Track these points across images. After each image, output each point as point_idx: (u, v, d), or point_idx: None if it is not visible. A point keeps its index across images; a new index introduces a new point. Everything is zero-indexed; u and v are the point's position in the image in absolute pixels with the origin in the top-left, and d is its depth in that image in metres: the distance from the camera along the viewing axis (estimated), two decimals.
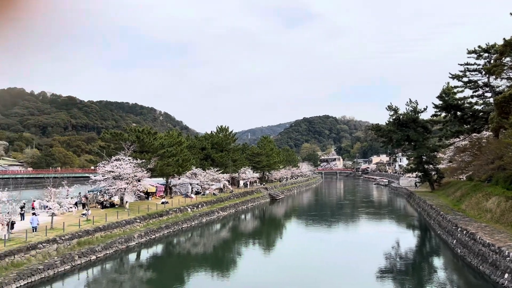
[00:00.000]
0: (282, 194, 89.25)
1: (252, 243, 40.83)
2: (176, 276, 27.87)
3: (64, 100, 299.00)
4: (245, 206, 66.14)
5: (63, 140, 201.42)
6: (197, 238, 41.85)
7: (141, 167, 45.59)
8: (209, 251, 36.31)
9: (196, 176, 62.91)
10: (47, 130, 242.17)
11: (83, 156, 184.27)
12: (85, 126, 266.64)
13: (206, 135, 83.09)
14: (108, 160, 45.65)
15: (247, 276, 27.28)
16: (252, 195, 75.81)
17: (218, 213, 55.16)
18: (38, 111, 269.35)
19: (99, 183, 46.42)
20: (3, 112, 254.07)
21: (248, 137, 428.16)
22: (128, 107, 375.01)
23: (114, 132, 56.88)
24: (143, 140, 52.59)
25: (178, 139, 62.64)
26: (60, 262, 26.08)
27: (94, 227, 32.92)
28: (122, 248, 32.85)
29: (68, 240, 29.00)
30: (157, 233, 39.09)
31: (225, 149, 79.08)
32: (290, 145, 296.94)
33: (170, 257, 33.85)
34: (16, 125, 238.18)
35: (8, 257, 23.61)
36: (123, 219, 37.47)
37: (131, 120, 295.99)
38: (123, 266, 29.89)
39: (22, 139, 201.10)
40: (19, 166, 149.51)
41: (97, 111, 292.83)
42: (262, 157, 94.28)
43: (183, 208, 49.33)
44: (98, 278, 26.50)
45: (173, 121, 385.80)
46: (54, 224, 31.75)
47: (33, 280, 23.05)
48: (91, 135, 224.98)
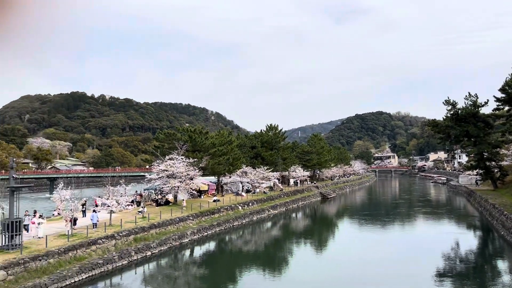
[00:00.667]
0: (334, 193, 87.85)
1: (303, 242, 40.53)
2: (228, 273, 28.26)
3: (122, 102, 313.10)
4: (295, 204, 65.80)
5: (121, 141, 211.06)
6: (248, 236, 42.19)
7: (194, 166, 46.68)
8: (260, 249, 36.47)
9: (246, 174, 63.47)
10: (106, 131, 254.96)
11: (139, 156, 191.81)
12: (141, 127, 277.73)
13: (256, 133, 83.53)
14: (162, 159, 47.18)
15: (299, 275, 27.06)
16: (303, 193, 75.25)
17: (269, 211, 55.29)
18: (98, 113, 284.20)
19: (154, 181, 48.09)
20: (67, 115, 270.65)
21: (298, 135, 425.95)
22: (182, 107, 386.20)
23: (167, 132, 58.70)
24: (195, 139, 53.82)
25: (228, 138, 63.50)
26: (118, 257, 27.30)
27: (150, 224, 34.14)
28: (175, 245, 33.80)
29: (125, 236, 30.29)
30: (209, 230, 39.86)
31: (275, 147, 79.10)
32: (342, 142, 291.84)
33: (222, 254, 34.39)
34: (78, 127, 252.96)
35: (71, 251, 25.07)
36: (176, 217, 38.57)
37: (184, 120, 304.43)
38: (177, 262, 30.75)
39: (84, 140, 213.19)
40: (81, 166, 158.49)
41: (152, 112, 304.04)
42: (312, 155, 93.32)
43: (234, 206, 49.94)
44: (154, 273, 27.45)
45: (224, 120, 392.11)
46: (112, 221, 33.29)
47: (93, 274, 24.31)
48: (147, 136, 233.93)
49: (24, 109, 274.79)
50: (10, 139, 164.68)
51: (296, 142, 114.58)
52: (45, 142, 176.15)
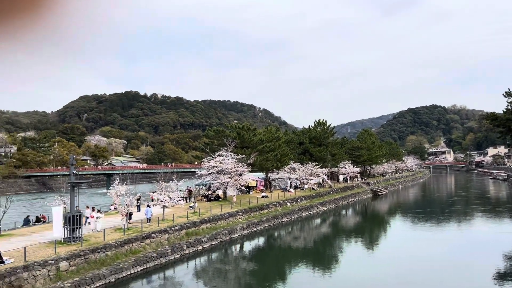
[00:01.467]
0: (385, 189, 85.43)
1: (354, 239, 39.77)
2: (277, 269, 28.34)
3: (173, 100, 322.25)
4: (345, 201, 64.71)
5: (172, 138, 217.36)
6: (297, 232, 42.06)
7: (242, 162, 47.16)
8: (310, 245, 36.25)
9: (294, 170, 63.20)
10: (158, 129, 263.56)
11: (190, 152, 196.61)
12: (192, 124, 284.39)
13: (304, 129, 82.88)
14: (212, 156, 48.07)
15: (348, 273, 26.61)
16: (353, 190, 73.83)
17: (318, 208, 54.78)
18: (150, 111, 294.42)
19: (205, 177, 49.14)
20: (121, 114, 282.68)
21: (347, 130, 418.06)
22: (230, 105, 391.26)
23: (217, 129, 59.70)
24: (243, 136, 54.31)
25: (276, 134, 63.49)
26: (171, 251, 28.18)
27: (201, 219, 34.94)
28: (226, 240, 34.36)
29: (178, 231, 31.19)
30: (258, 226, 40.15)
31: (323, 143, 78.10)
32: (394, 137, 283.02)
33: (271, 250, 34.54)
34: (132, 125, 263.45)
35: (127, 244, 26.19)
36: (226, 212, 39.18)
37: (232, 117, 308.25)
38: (227, 257, 31.26)
39: (138, 137, 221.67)
40: (135, 162, 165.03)
41: (202, 110, 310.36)
42: (362, 151, 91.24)
43: (282, 202, 49.95)
44: (205, 267, 28.09)
45: (272, 116, 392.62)
46: (165, 215, 34.39)
47: (148, 267, 25.26)
48: (197, 133, 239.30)
49: (82, 109, 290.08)
50: (70, 137, 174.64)
51: (346, 138, 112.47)
52: (102, 140, 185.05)
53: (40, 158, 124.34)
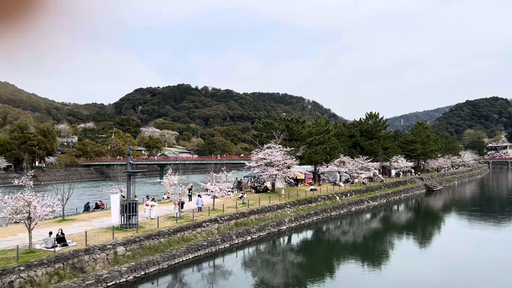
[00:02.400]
0: (440, 185, 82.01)
1: (405, 236, 38.67)
2: (325, 262, 28.23)
3: (223, 93, 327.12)
4: (397, 196, 62.91)
5: (222, 130, 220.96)
6: (346, 227, 41.53)
7: (290, 155, 47.14)
8: (359, 240, 35.71)
9: (344, 164, 62.25)
10: (209, 121, 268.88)
11: (239, 144, 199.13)
12: (241, 116, 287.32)
13: (355, 122, 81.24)
14: (260, 148, 48.45)
15: (399, 270, 25.98)
16: (405, 185, 71.57)
17: (368, 202, 53.71)
18: (201, 104, 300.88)
19: (253, 169, 49.67)
20: (174, 106, 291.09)
21: (400, 123, 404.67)
22: (279, 97, 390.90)
23: (265, 121, 59.96)
24: (292, 128, 54.19)
25: (325, 127, 62.77)
26: (221, 240, 28.88)
27: (249, 210, 35.45)
28: (274, 231, 34.65)
29: (227, 221, 31.88)
30: (306, 219, 40.09)
31: (375, 136, 76.21)
32: (450, 131, 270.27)
33: (319, 243, 34.40)
34: (184, 117, 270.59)
35: (179, 232, 27.16)
36: (274, 204, 39.45)
37: (281, 109, 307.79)
38: (275, 248, 31.54)
39: (189, 129, 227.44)
40: (187, 153, 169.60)
41: (250, 102, 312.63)
42: (416, 144, 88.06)
43: (331, 195, 49.46)
44: (254, 258, 28.52)
45: (321, 109, 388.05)
46: (215, 205, 35.23)
47: (199, 255, 26.07)
48: (245, 125, 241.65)
49: (137, 101, 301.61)
50: (126, 128, 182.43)
51: (399, 131, 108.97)
52: (155, 131, 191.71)
53: (98, 148, 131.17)
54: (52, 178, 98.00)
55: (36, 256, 19.48)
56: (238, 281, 22.92)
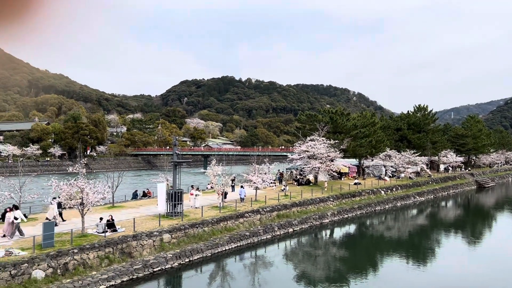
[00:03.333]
0: (492, 182, 78.13)
1: (454, 234, 37.25)
2: (369, 257, 27.76)
3: (266, 85, 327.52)
4: (445, 192, 60.60)
5: (265, 122, 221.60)
6: (391, 222, 40.58)
7: (334, 148, 46.53)
8: (404, 236, 34.80)
9: (390, 158, 60.63)
10: (252, 113, 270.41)
11: (281, 136, 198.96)
12: (284, 108, 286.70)
13: (402, 115, 78.80)
14: (303, 140, 48.15)
15: (445, 269, 25.08)
16: (455, 181, 68.77)
17: (414, 198, 52.14)
18: (245, 96, 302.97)
19: (296, 161, 49.50)
20: (218, 98, 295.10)
21: (451, 116, 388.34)
22: (323, 89, 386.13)
23: (309, 113, 59.43)
24: (336, 121, 53.39)
25: (371, 120, 61.35)
26: (263, 231, 29.12)
27: (291, 202, 35.45)
28: (316, 224, 34.48)
29: (269, 212, 32.06)
30: (349, 213, 39.55)
31: (423, 130, 73.67)
32: (505, 125, 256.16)
33: (362, 238, 33.86)
34: (228, 109, 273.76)
35: (222, 222, 27.65)
36: (317, 197, 39.20)
37: (325, 101, 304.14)
38: (317, 241, 31.39)
39: (233, 121, 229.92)
40: (230, 145, 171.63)
41: (294, 94, 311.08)
42: (467, 139, 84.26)
43: (376, 190, 48.44)
44: (295, 250, 28.55)
45: (367, 101, 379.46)
46: (257, 197, 35.50)
47: (241, 245, 26.44)
48: (288, 117, 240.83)
49: (183, 93, 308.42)
50: (172, 119, 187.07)
51: (449, 124, 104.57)
52: (200, 123, 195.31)
53: (145, 138, 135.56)
54: (102, 166, 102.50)
55: (88, 240, 20.53)
56: (279, 273, 23.05)
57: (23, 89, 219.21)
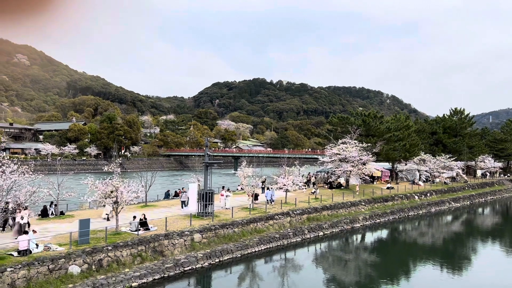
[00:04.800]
0: None
1: (491, 242, 35.87)
2: (401, 264, 27.12)
3: (297, 87, 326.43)
4: (482, 199, 58.46)
5: (295, 124, 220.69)
6: (425, 228, 39.52)
7: (367, 151, 45.79)
8: (438, 243, 33.81)
9: (424, 162, 59.06)
10: (282, 115, 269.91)
11: (312, 139, 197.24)
12: (315, 110, 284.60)
13: (437, 118, 76.75)
14: (335, 143, 47.64)
15: (481, 277, 24.18)
16: (493, 187, 66.23)
17: (450, 203, 50.56)
18: (276, 98, 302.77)
19: (327, 164, 49.02)
20: (249, 100, 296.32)
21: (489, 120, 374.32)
22: (355, 91, 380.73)
23: (341, 116, 58.79)
24: (369, 124, 52.55)
25: (405, 123, 60.00)
26: (293, 234, 28.99)
27: (322, 206, 35.13)
28: (347, 228, 34.01)
29: (299, 215, 31.90)
30: (381, 217, 38.80)
31: (459, 134, 71.45)
32: None
33: (395, 244, 33.14)
34: (258, 111, 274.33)
35: (252, 223, 27.74)
36: (348, 201, 38.67)
37: (357, 104, 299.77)
38: (347, 246, 30.95)
39: (263, 123, 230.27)
40: (260, 147, 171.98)
41: (325, 96, 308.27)
42: (507, 143, 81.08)
43: (409, 195, 47.31)
44: (325, 254, 28.27)
45: (401, 104, 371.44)
46: (288, 199, 35.39)
47: (270, 247, 26.43)
48: (319, 119, 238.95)
49: (215, 95, 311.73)
50: (204, 121, 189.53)
51: (487, 129, 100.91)
52: (231, 124, 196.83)
53: (178, 139, 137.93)
54: (136, 166, 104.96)
55: (122, 238, 21.07)
56: (309, 276, 22.88)
57: (62, 90, 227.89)
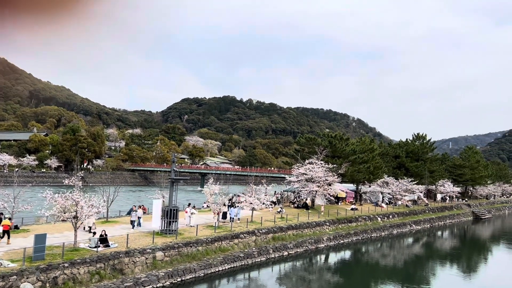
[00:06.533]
0: (489, 214, 77.83)
1: (449, 264, 36.84)
2: (363, 285, 27.34)
3: (267, 106, 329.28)
4: (442, 222, 60.24)
5: (264, 143, 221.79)
6: (387, 250, 40.16)
7: (332, 172, 46.45)
8: (399, 265, 34.40)
9: (387, 185, 60.52)
10: (251, 133, 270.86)
11: (280, 158, 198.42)
12: (283, 130, 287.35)
13: (401, 142, 79.08)
14: (302, 163, 48.09)
15: None
16: (451, 211, 68.47)
17: (411, 226, 51.77)
18: (245, 116, 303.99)
19: (293, 184, 49.31)
20: (218, 117, 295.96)
21: (449, 146, 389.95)
22: (323, 113, 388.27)
23: (308, 136, 59.56)
24: (335, 145, 53.47)
25: (370, 146, 61.46)
26: (257, 253, 28.75)
27: (287, 225, 35.13)
28: (311, 249, 34.09)
29: (265, 234, 31.73)
30: (345, 238, 39.17)
31: (421, 158, 73.79)
32: (502, 158, 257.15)
33: (358, 265, 33.44)
34: (227, 128, 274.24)
35: (217, 242, 27.32)
36: (313, 221, 38.89)
37: (324, 125, 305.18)
38: (311, 266, 30.96)
39: (232, 140, 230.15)
40: (228, 164, 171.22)
41: (294, 117, 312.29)
42: (465, 169, 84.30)
43: (372, 216, 48.13)
44: (289, 274, 28.13)
45: (366, 127, 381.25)
46: (254, 217, 35.19)
47: (235, 266, 26.06)
48: (287, 139, 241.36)
49: (184, 110, 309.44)
50: (171, 136, 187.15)
51: (447, 154, 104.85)
52: (199, 141, 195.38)
53: (144, 154, 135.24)
54: (99, 180, 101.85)
55: (80, 255, 20.22)
56: None
57: (24, 99, 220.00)
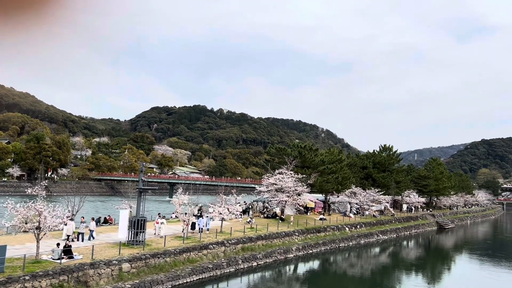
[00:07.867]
0: (452, 223, 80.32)
1: (415, 273, 37.72)
2: None
3: (237, 116, 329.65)
4: (407, 232, 61.70)
5: (234, 153, 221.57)
6: (355, 259, 40.72)
7: (302, 182, 46.86)
8: (367, 274, 34.93)
9: (355, 195, 61.55)
10: (222, 143, 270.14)
11: (250, 168, 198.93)
12: (254, 140, 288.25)
13: (368, 153, 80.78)
14: (272, 173, 48.31)
15: None
16: (417, 221, 70.27)
17: (378, 236, 52.75)
18: (216, 125, 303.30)
19: (263, 194, 49.38)
20: (188, 126, 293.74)
21: (414, 158, 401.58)
22: (293, 124, 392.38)
23: (278, 147, 59.98)
24: (305, 155, 54.06)
25: (338, 157, 62.49)
26: (226, 264, 28.52)
27: (257, 235, 35.07)
28: (280, 259, 34.13)
29: (234, 245, 31.54)
30: (314, 248, 39.46)
31: (387, 169, 75.53)
32: (464, 169, 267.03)
33: (326, 275, 33.72)
34: (198, 137, 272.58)
35: (185, 253, 26.92)
36: (282, 231, 38.99)
37: (294, 136, 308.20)
38: (281, 276, 30.98)
39: (202, 150, 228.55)
40: (198, 174, 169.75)
41: (264, 127, 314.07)
42: (429, 180, 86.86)
43: (341, 226, 48.75)
44: (258, 284, 28.04)
45: (335, 138, 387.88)
46: (223, 228, 34.96)
47: (203, 277, 25.73)
48: (258, 149, 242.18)
49: (153, 119, 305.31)
50: (140, 145, 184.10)
51: (412, 166, 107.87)
52: (168, 150, 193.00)
53: (111, 163, 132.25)
54: (63, 190, 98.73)
55: (42, 267, 19.47)
56: None
57: None
